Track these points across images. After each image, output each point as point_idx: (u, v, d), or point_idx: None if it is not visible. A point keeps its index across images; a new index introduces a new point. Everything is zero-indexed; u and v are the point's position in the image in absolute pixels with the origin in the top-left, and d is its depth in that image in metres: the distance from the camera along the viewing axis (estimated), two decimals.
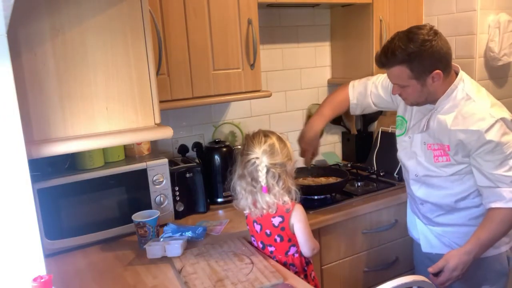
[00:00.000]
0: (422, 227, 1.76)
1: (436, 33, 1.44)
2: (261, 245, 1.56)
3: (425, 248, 1.76)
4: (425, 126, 1.59)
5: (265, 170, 1.45)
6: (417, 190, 1.69)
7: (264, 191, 1.47)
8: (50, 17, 1.23)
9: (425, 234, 1.75)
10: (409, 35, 1.44)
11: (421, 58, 1.43)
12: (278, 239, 1.51)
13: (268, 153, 1.46)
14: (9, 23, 1.07)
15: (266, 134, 1.50)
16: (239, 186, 1.52)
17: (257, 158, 1.46)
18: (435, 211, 1.67)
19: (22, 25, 1.20)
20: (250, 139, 1.50)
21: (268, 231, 1.52)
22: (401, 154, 1.74)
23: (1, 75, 1.02)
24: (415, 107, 1.64)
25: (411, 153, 1.67)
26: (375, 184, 2.21)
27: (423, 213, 1.72)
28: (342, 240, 1.96)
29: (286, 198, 1.49)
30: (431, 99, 1.54)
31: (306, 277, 1.54)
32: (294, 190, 1.51)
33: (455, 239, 1.65)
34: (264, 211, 1.49)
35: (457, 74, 1.55)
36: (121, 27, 1.32)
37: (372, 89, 1.83)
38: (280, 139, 1.51)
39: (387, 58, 1.47)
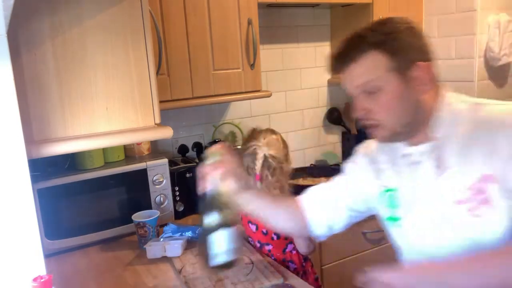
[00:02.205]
0: None
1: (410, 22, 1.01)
2: (258, 245, 1.56)
3: None
4: (438, 167, 1.00)
5: (262, 160, 1.49)
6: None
7: (256, 179, 1.49)
8: (50, 17, 1.23)
9: None
10: (378, 21, 1.03)
11: (401, 37, 0.97)
12: (275, 237, 1.52)
13: (270, 145, 1.50)
14: (9, 23, 1.07)
15: (274, 131, 1.57)
16: None
17: (259, 146, 1.50)
18: None
19: (22, 25, 1.20)
20: (258, 132, 1.56)
21: (264, 230, 1.52)
22: (409, 245, 1.10)
23: (1, 75, 1.02)
24: (399, 164, 1.08)
25: (431, 232, 1.03)
26: None
27: None
28: (342, 240, 1.95)
29: (277, 193, 1.51)
30: (420, 120, 1.00)
31: (305, 273, 1.55)
32: (288, 189, 1.54)
33: None
34: None
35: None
36: (121, 27, 1.33)
37: (337, 194, 1.23)
38: (284, 141, 1.57)
39: (354, 44, 0.98)
